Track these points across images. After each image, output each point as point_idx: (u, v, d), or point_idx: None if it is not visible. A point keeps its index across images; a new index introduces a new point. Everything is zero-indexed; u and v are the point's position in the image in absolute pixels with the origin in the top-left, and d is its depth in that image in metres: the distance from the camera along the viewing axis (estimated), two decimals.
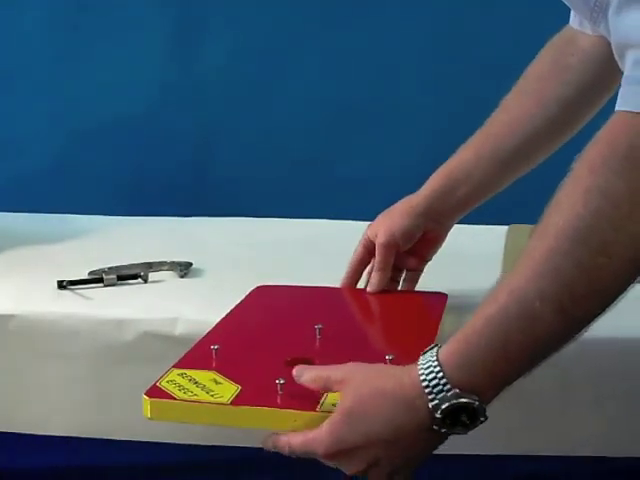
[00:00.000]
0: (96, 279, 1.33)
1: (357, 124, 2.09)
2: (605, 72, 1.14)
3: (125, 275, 1.35)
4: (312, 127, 2.08)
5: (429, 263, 1.28)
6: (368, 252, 1.24)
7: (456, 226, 1.27)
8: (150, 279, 1.36)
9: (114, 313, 1.22)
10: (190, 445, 1.20)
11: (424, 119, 2.02)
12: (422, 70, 2.02)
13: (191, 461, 1.25)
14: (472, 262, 1.44)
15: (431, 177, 1.24)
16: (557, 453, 1.18)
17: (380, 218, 1.25)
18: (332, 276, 1.28)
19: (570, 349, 1.15)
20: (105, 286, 1.33)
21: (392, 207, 1.25)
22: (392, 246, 1.22)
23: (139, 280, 1.35)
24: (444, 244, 1.28)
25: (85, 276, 1.35)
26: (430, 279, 1.27)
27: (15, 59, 2.09)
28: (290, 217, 1.74)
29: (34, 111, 2.11)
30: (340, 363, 0.99)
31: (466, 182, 1.21)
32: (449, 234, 1.27)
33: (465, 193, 1.22)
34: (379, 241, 1.22)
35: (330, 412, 0.87)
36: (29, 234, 1.62)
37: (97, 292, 1.31)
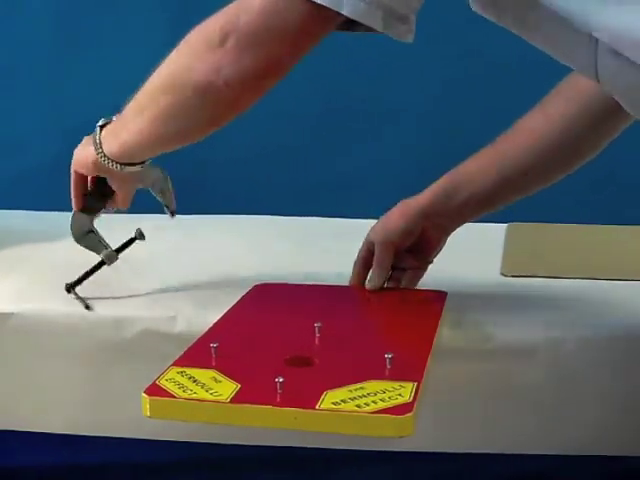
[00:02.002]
0: (99, 264, 1.30)
1: (356, 122, 2.09)
2: (614, 99, 1.14)
3: (121, 246, 1.32)
4: (310, 126, 2.08)
5: None
6: (371, 253, 1.24)
7: None
8: (149, 276, 1.35)
9: (113, 311, 1.22)
10: (189, 444, 1.20)
11: (423, 118, 2.02)
12: (422, 69, 2.02)
13: (190, 459, 1.25)
14: (472, 260, 1.44)
15: (435, 181, 1.25)
16: (558, 452, 1.18)
17: (381, 219, 1.26)
18: (331, 274, 1.28)
19: (571, 347, 1.16)
20: (109, 265, 1.30)
21: (393, 208, 1.26)
22: (389, 244, 1.23)
23: (138, 242, 1.33)
24: None
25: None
26: (430, 277, 1.27)
27: (15, 57, 2.09)
28: (289, 215, 1.74)
29: (34, 109, 2.11)
30: (339, 361, 0.99)
31: (467, 188, 1.23)
32: None
33: (464, 199, 1.23)
34: (377, 240, 1.24)
35: (330, 410, 0.87)
36: (29, 232, 1.62)
37: (96, 289, 1.31)
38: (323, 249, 1.52)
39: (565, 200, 1.91)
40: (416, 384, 0.91)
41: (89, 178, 1.30)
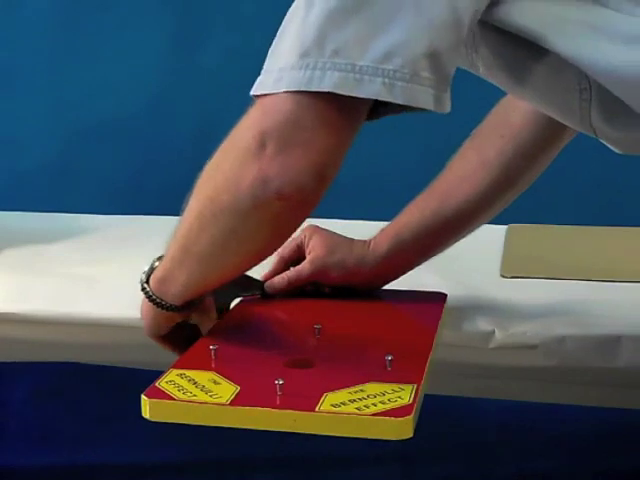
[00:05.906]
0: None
1: None
2: (547, 130, 1.15)
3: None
4: None
5: (428, 262, 1.28)
6: (298, 253, 1.22)
7: None
8: None
9: (114, 313, 1.22)
10: (189, 445, 1.20)
11: (424, 119, 2.02)
12: None
13: (190, 461, 1.25)
14: (471, 261, 1.44)
15: (378, 236, 1.22)
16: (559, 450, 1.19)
17: (329, 237, 1.23)
18: None
19: (570, 348, 1.16)
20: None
21: (348, 239, 1.23)
22: (317, 273, 1.20)
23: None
24: None
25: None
26: (430, 278, 1.27)
27: (15, 58, 2.09)
28: None
29: (34, 110, 2.11)
30: (339, 363, 0.99)
31: (413, 244, 1.20)
32: None
33: (410, 256, 1.21)
34: (310, 267, 1.20)
35: (329, 413, 0.87)
36: (29, 233, 1.62)
37: (97, 291, 1.31)
38: None
39: (565, 201, 1.91)
40: (416, 386, 0.91)
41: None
